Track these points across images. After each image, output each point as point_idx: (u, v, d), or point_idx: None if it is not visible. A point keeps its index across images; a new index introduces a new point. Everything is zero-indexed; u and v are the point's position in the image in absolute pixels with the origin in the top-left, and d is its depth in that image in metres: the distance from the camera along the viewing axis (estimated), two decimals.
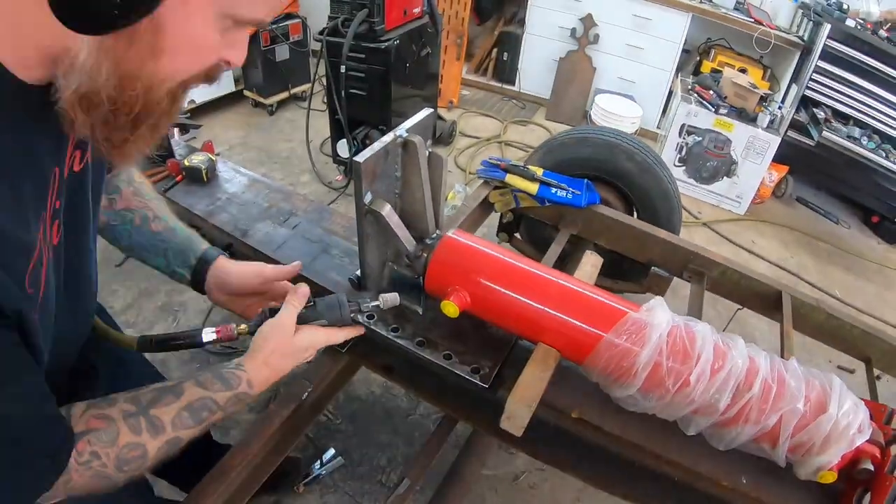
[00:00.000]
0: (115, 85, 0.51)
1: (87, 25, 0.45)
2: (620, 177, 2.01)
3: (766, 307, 1.76)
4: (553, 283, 1.07)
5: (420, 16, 2.94)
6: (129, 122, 0.55)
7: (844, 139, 3.37)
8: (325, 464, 1.77)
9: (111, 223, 0.98)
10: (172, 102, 0.57)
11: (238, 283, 1.02)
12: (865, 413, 0.94)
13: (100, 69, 0.49)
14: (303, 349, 0.89)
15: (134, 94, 0.53)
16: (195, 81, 0.57)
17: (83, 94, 0.51)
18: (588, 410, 1.07)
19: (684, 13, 3.69)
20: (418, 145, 0.99)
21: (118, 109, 0.53)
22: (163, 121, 0.57)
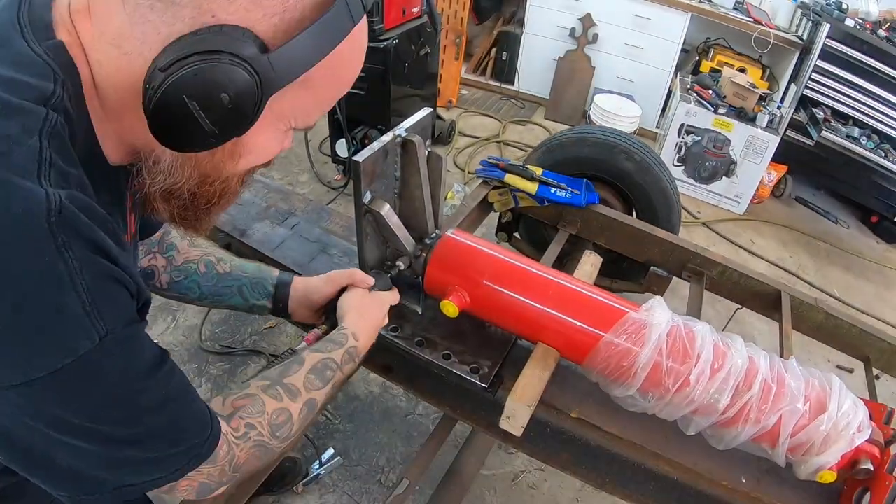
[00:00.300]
0: (196, 183, 0.58)
1: (180, 146, 0.52)
2: (619, 176, 2.01)
3: (765, 307, 1.76)
4: (552, 283, 1.06)
5: (419, 15, 2.94)
6: (206, 208, 0.63)
7: (843, 139, 3.37)
8: (324, 464, 1.77)
9: (175, 280, 0.99)
10: (241, 185, 0.65)
11: (318, 296, 1.06)
12: (865, 413, 0.94)
13: (183, 171, 0.57)
14: (379, 302, 1.02)
15: (212, 189, 0.60)
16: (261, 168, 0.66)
17: (165, 188, 0.58)
18: (587, 410, 1.07)
19: (683, 13, 3.69)
20: (417, 145, 0.99)
21: (196, 200, 0.61)
22: (231, 200, 0.65)
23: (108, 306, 0.49)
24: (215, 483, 0.67)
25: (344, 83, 0.61)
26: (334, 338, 0.91)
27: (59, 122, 0.48)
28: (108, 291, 0.49)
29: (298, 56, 0.52)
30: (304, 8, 0.51)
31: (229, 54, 0.48)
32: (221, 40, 0.48)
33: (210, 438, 0.64)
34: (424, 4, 2.93)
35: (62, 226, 0.44)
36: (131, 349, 0.53)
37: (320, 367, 0.84)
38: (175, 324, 2.17)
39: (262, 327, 2.21)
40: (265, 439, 0.72)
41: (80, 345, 0.47)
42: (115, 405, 0.52)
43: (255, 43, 0.49)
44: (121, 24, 0.50)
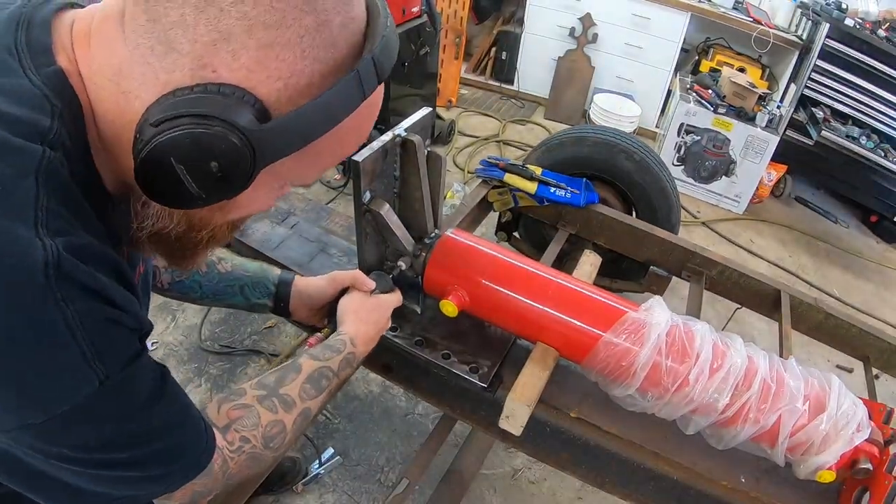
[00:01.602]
0: (184, 230, 0.57)
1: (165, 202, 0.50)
2: (619, 176, 2.01)
3: (764, 306, 1.76)
4: (552, 283, 1.06)
5: (418, 15, 2.94)
6: (192, 252, 0.61)
7: (843, 138, 3.37)
8: (323, 463, 1.77)
9: (176, 280, 0.98)
10: (231, 231, 0.63)
11: (319, 296, 1.05)
12: (864, 412, 0.94)
13: (171, 218, 0.55)
14: (380, 306, 1.01)
15: (199, 236, 0.59)
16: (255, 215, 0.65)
17: (153, 232, 0.56)
18: (587, 410, 1.07)
19: (683, 12, 3.69)
20: (417, 144, 0.99)
21: (184, 245, 0.59)
22: (220, 244, 0.64)
23: (109, 351, 0.48)
24: (208, 491, 0.68)
25: (348, 148, 0.58)
26: (332, 344, 0.90)
27: (56, 159, 0.47)
28: (108, 336, 0.49)
29: (298, 129, 0.48)
30: (313, 74, 0.48)
31: (223, 122, 0.45)
32: (217, 103, 0.45)
33: (205, 453, 0.64)
34: (424, 4, 2.93)
35: (60, 279, 0.44)
36: (130, 387, 0.53)
37: (316, 376, 0.84)
38: (175, 323, 2.17)
39: (262, 327, 2.21)
40: (258, 451, 0.73)
41: (80, 391, 0.47)
42: (115, 438, 0.52)
43: (253, 108, 0.46)
44: (121, 62, 0.48)
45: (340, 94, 0.49)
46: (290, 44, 0.46)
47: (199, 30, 0.45)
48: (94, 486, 0.55)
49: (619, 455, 1.08)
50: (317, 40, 0.47)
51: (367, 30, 0.52)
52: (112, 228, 0.55)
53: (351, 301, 1.00)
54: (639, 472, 1.09)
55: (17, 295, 0.43)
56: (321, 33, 0.47)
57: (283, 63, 0.47)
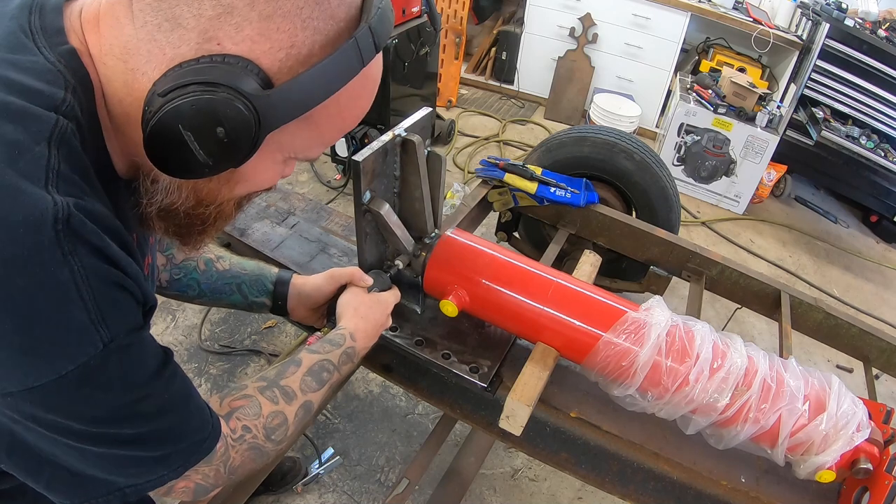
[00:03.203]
0: (193, 204, 0.58)
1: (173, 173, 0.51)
2: (619, 176, 2.01)
3: (764, 306, 1.76)
4: (552, 283, 1.06)
5: (418, 15, 2.94)
6: (200, 228, 0.62)
7: (843, 138, 3.37)
8: (323, 463, 1.77)
9: (174, 278, 0.98)
10: (238, 209, 0.65)
11: (317, 294, 1.05)
12: (864, 412, 0.94)
13: (179, 192, 0.56)
14: (379, 302, 1.01)
15: (207, 212, 0.60)
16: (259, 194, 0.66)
17: (162, 208, 0.57)
18: (587, 410, 1.07)
19: (683, 12, 3.69)
20: (417, 144, 0.99)
21: (192, 221, 0.60)
22: (227, 222, 0.65)
23: (113, 313, 0.49)
24: (210, 485, 0.68)
25: (349, 121, 0.59)
26: (332, 338, 0.91)
27: (69, 128, 0.48)
28: (113, 298, 0.49)
29: (300, 95, 0.50)
30: (314, 45, 0.50)
31: (228, 88, 0.46)
32: (223, 72, 0.47)
33: (211, 436, 0.64)
34: (424, 4, 2.93)
35: (69, 234, 0.44)
36: (135, 355, 0.53)
37: (317, 368, 0.84)
38: (175, 323, 2.17)
39: (262, 327, 2.21)
40: (260, 442, 0.72)
41: (83, 351, 0.47)
42: (119, 409, 0.52)
43: (257, 77, 0.48)
44: (128, 40, 0.50)
45: (340, 61, 0.50)
46: (291, 15, 0.48)
47: (204, 4, 0.47)
48: (97, 471, 0.54)
49: (619, 455, 1.08)
50: (316, 12, 0.49)
51: (363, 2, 0.54)
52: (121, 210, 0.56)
53: (350, 297, 1.00)
54: (639, 472, 1.09)
55: (25, 247, 0.42)
56: (320, 5, 0.49)
57: (284, 34, 0.48)
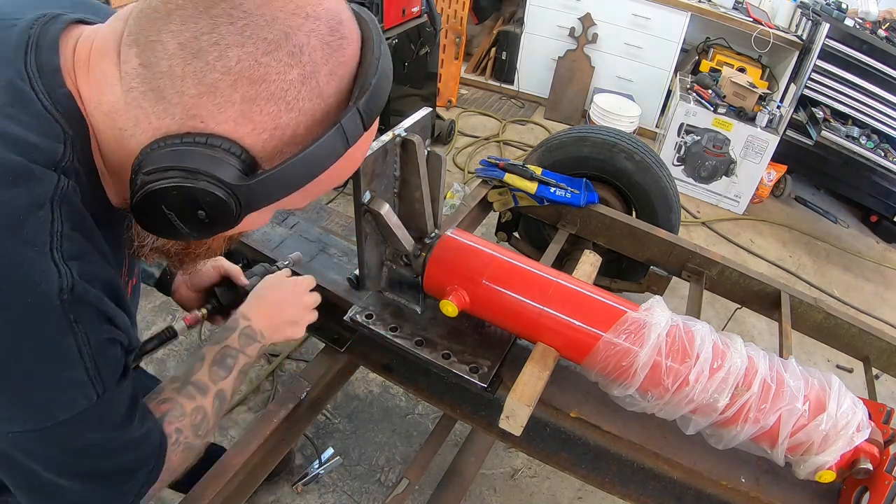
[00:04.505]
0: (182, 247, 0.62)
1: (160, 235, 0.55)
2: (619, 176, 2.01)
3: (764, 306, 1.76)
4: (552, 283, 1.06)
5: (418, 15, 2.94)
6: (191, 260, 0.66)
7: (843, 138, 3.37)
8: (323, 463, 1.77)
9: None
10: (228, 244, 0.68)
11: (199, 276, 1.06)
12: (864, 412, 0.94)
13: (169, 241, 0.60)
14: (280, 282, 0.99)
15: (197, 251, 0.64)
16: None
17: (153, 248, 0.61)
18: (587, 410, 1.07)
19: (683, 12, 3.69)
20: (417, 144, 0.99)
21: (183, 257, 0.65)
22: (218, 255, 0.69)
23: (106, 369, 0.54)
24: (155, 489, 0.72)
25: (340, 180, 0.60)
26: (228, 324, 0.92)
27: (70, 186, 0.49)
28: (108, 355, 0.54)
29: (282, 181, 0.50)
30: (298, 125, 0.49)
31: (208, 176, 0.47)
32: (203, 157, 0.47)
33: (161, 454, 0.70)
34: (424, 4, 2.93)
35: (73, 302, 0.48)
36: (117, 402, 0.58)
37: (220, 357, 0.85)
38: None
39: None
40: (191, 440, 0.76)
41: (79, 404, 0.52)
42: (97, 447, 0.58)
43: (239, 159, 0.48)
44: (116, 101, 0.50)
45: (324, 146, 0.50)
46: (275, 97, 0.47)
47: (187, 82, 0.46)
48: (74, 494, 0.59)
49: (619, 455, 1.08)
50: (302, 93, 0.48)
51: (357, 71, 0.52)
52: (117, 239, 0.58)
53: (261, 284, 1.00)
54: (639, 472, 1.09)
55: (33, 316, 0.47)
56: (307, 85, 0.48)
57: (268, 116, 0.48)
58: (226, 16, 0.45)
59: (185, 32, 0.46)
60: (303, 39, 0.47)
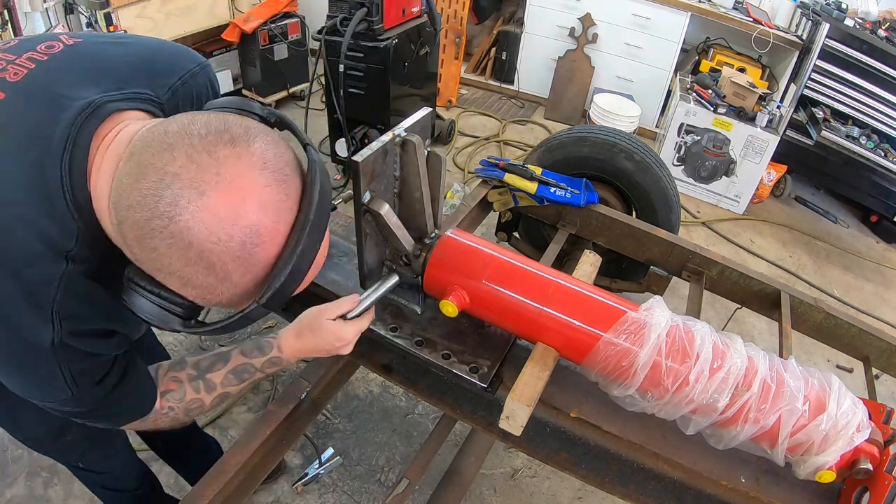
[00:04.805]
0: None
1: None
2: (619, 176, 2.01)
3: (764, 306, 1.76)
4: (552, 283, 1.06)
5: (419, 15, 2.94)
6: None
7: (843, 138, 3.37)
8: (323, 463, 1.77)
9: None
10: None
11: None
12: (864, 412, 0.94)
13: None
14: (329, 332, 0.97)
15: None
16: None
17: None
18: (587, 410, 1.07)
19: (683, 12, 3.69)
20: (417, 144, 0.99)
21: None
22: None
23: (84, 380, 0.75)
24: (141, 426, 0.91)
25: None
26: (262, 344, 0.98)
27: (75, 269, 0.67)
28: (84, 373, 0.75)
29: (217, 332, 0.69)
30: (221, 301, 0.65)
31: (159, 320, 0.66)
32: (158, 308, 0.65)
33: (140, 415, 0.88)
34: (424, 4, 2.93)
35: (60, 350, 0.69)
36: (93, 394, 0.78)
37: (239, 370, 0.96)
38: None
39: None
40: (180, 417, 0.93)
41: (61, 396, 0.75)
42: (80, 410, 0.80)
43: (182, 308, 0.66)
44: (107, 225, 0.66)
45: (233, 325, 0.68)
46: (199, 288, 0.62)
47: (143, 260, 0.62)
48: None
49: (619, 455, 1.08)
50: (219, 287, 0.63)
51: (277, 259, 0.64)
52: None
53: (309, 312, 0.99)
54: (639, 472, 1.09)
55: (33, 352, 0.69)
56: (223, 284, 0.62)
57: (197, 293, 0.64)
58: (158, 231, 0.58)
59: (135, 230, 0.59)
60: (214, 259, 0.60)
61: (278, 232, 0.63)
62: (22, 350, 0.69)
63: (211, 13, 3.41)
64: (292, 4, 3.70)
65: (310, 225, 0.63)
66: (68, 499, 1.69)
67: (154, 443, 1.55)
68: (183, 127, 0.60)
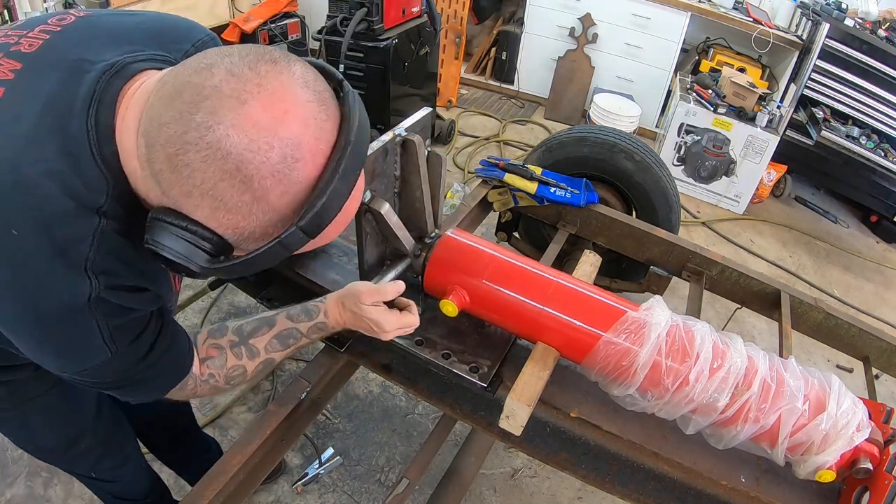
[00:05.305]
0: None
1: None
2: (619, 176, 2.01)
3: (764, 306, 1.76)
4: (552, 283, 1.06)
5: (419, 15, 2.94)
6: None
7: (843, 138, 3.37)
8: (323, 463, 1.77)
9: None
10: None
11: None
12: (864, 412, 0.94)
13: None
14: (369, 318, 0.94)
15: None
16: None
17: None
18: (587, 409, 1.07)
19: (683, 12, 3.69)
20: (417, 144, 0.99)
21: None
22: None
23: (121, 337, 0.71)
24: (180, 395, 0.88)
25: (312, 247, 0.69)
26: (309, 308, 0.96)
27: (107, 224, 0.65)
28: (122, 329, 0.71)
29: (237, 270, 0.64)
30: (254, 230, 0.61)
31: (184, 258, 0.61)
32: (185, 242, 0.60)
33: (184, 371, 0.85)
34: (424, 4, 2.94)
35: (97, 303, 0.66)
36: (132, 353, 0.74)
37: (285, 334, 0.93)
38: None
39: None
40: (220, 385, 0.90)
41: (97, 359, 0.71)
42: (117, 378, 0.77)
43: (211, 243, 0.61)
44: (135, 169, 0.64)
45: (267, 254, 0.62)
46: (232, 210, 0.58)
47: (173, 185, 0.58)
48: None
49: (619, 455, 1.08)
50: (255, 209, 0.59)
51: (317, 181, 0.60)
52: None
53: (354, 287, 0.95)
54: (639, 472, 1.09)
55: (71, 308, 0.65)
56: (258, 204, 0.58)
57: (230, 220, 0.59)
58: (193, 144, 0.55)
59: (168, 147, 0.56)
60: (252, 171, 0.56)
61: (319, 151, 0.60)
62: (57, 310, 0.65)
63: (211, 13, 3.41)
64: (292, 4, 3.71)
65: (351, 147, 0.61)
66: (68, 499, 1.69)
67: (154, 443, 1.55)
68: (220, 51, 0.58)
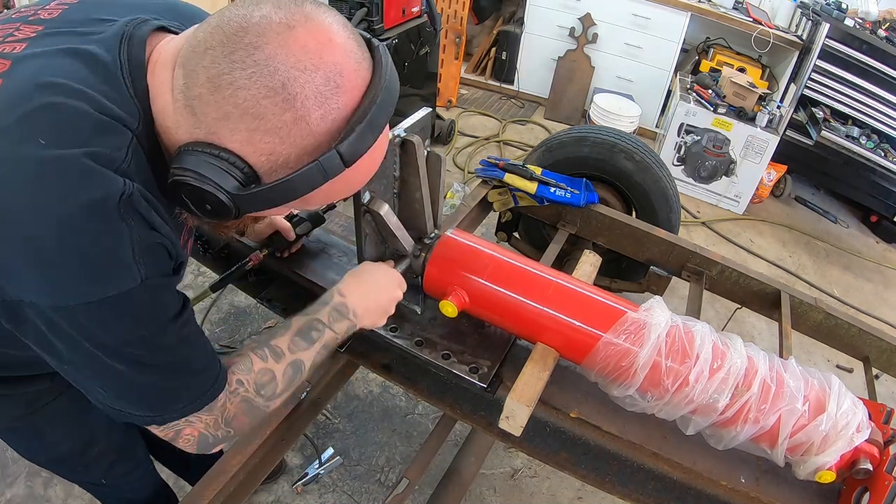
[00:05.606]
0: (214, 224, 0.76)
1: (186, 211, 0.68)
2: (619, 176, 2.01)
3: (764, 306, 1.76)
4: (551, 283, 1.06)
5: (418, 15, 2.94)
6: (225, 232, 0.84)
7: (843, 138, 3.37)
8: (323, 463, 1.77)
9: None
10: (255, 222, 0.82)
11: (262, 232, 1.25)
12: (864, 412, 0.94)
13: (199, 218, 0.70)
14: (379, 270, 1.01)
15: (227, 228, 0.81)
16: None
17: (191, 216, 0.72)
18: (587, 410, 1.07)
19: (683, 12, 3.69)
20: (417, 145, 0.99)
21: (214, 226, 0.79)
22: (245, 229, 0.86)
23: (151, 260, 0.63)
24: (212, 436, 0.77)
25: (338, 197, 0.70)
26: (322, 297, 0.94)
27: (140, 144, 0.63)
28: (152, 251, 0.63)
29: (269, 198, 0.62)
30: (290, 155, 0.61)
31: (214, 183, 0.60)
32: (215, 167, 0.60)
33: (218, 381, 0.75)
34: (424, 4, 2.94)
35: (128, 207, 0.60)
36: (161, 296, 0.66)
37: (305, 328, 0.88)
38: None
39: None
40: (251, 395, 0.80)
41: (125, 283, 0.60)
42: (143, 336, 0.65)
43: (242, 173, 0.61)
44: (167, 105, 0.64)
45: (304, 177, 0.61)
46: (271, 132, 0.59)
47: (210, 108, 0.59)
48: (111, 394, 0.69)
49: (619, 455, 1.08)
50: (294, 131, 0.59)
51: (354, 112, 0.62)
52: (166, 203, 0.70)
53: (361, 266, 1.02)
54: (639, 472, 1.09)
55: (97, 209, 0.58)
56: (298, 125, 0.59)
57: (266, 144, 0.60)
58: (241, 62, 0.57)
59: (211, 69, 0.58)
60: (297, 89, 0.58)
61: (357, 84, 0.62)
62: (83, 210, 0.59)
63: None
64: None
65: (386, 84, 0.64)
66: (68, 499, 1.69)
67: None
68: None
